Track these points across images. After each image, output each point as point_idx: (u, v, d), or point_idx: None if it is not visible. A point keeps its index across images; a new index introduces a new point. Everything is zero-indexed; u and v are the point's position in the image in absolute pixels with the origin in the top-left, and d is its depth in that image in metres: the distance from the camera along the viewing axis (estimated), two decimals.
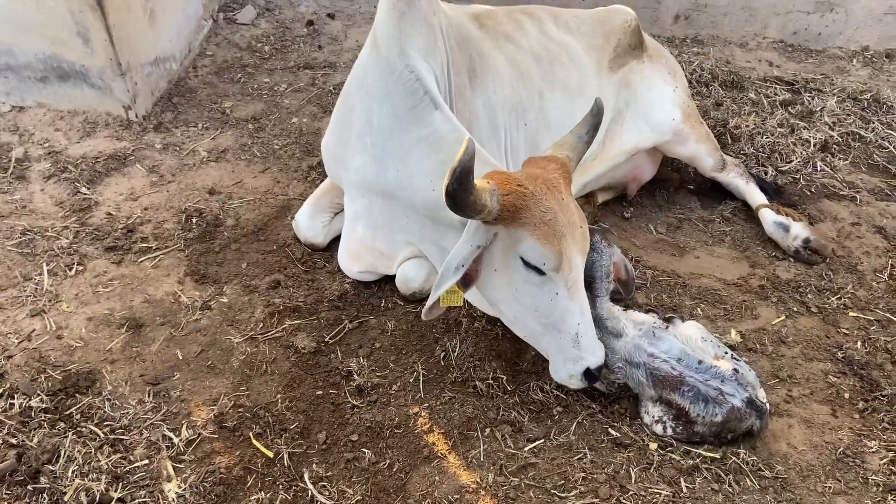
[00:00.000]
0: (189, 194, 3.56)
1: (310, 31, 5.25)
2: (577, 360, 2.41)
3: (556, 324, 2.39)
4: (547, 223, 2.26)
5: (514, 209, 2.24)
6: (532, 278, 2.33)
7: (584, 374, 2.42)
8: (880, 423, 2.67)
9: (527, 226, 2.25)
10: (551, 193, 2.32)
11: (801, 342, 2.98)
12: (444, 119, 2.58)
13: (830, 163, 4.07)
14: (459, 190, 2.08)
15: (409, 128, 2.62)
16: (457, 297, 2.47)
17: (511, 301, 2.43)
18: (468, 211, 2.16)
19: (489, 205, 2.18)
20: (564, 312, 2.37)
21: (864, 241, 3.56)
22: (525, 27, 3.37)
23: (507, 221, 2.26)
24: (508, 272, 2.37)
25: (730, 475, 2.41)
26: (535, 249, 2.27)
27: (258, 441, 2.48)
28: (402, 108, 2.63)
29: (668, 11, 5.39)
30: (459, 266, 2.33)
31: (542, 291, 2.35)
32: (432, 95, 2.59)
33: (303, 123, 4.23)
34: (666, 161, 3.88)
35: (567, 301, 2.36)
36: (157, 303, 2.98)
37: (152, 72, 4.19)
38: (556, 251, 2.27)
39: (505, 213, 2.23)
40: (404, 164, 2.64)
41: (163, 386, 2.65)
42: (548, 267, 2.29)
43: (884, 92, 4.72)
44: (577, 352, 2.40)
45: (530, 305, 2.39)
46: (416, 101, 2.59)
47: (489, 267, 2.40)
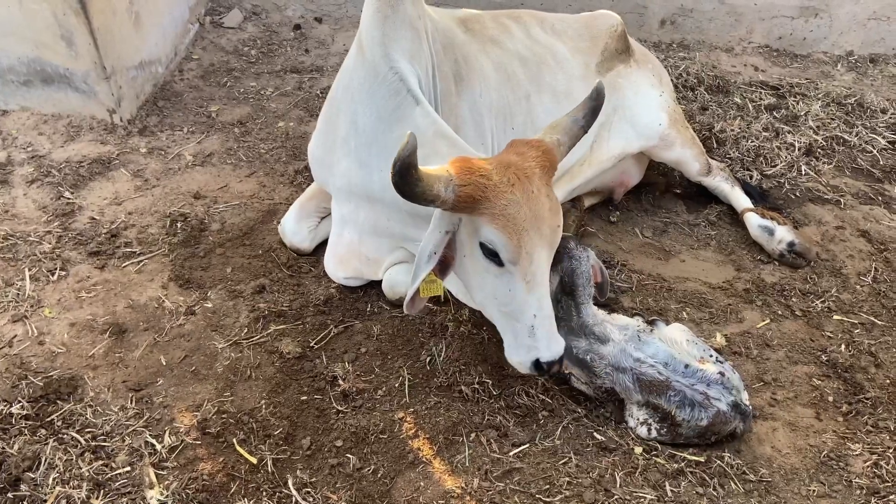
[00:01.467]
0: (174, 198, 3.54)
1: (297, 34, 5.24)
2: (530, 350, 2.38)
3: (513, 313, 2.38)
4: (506, 216, 2.22)
5: (472, 200, 2.20)
6: (490, 268, 2.32)
7: (533, 364, 2.39)
8: (864, 426, 2.68)
9: (485, 215, 2.23)
10: (520, 184, 2.25)
11: (785, 345, 3.00)
12: (424, 114, 2.58)
13: (815, 167, 4.10)
14: (402, 183, 2.09)
15: (392, 128, 2.62)
16: (436, 287, 2.45)
17: (477, 287, 2.44)
18: (419, 201, 2.16)
19: (442, 195, 2.16)
20: (522, 304, 2.34)
21: (848, 244, 3.59)
22: (511, 31, 3.37)
23: (467, 210, 2.25)
24: (473, 259, 2.37)
25: (714, 479, 2.42)
26: (492, 238, 2.24)
27: (242, 447, 2.46)
28: (385, 110, 2.63)
29: (655, 16, 5.42)
30: (432, 254, 2.34)
31: (500, 281, 2.34)
32: (413, 93, 2.59)
33: (289, 127, 4.22)
34: (652, 165, 3.90)
35: (524, 294, 2.32)
36: (140, 308, 2.96)
37: (137, 75, 4.17)
38: (514, 244, 2.23)
39: (461, 203, 2.21)
40: (388, 163, 2.61)
41: (146, 392, 2.63)
42: (505, 258, 2.27)
43: (868, 96, 4.75)
44: (531, 342, 2.37)
45: (490, 293, 2.39)
46: (399, 102, 2.59)
47: (460, 252, 2.41)
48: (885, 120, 4.55)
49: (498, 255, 2.27)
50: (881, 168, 4.17)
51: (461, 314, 3.00)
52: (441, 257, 2.38)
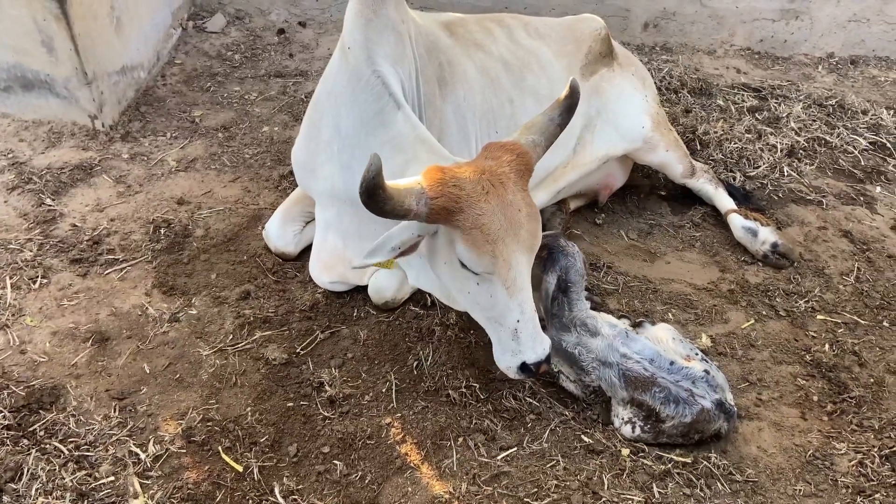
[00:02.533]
0: (157, 205, 3.51)
1: (281, 39, 5.22)
2: (515, 354, 2.37)
3: (496, 318, 2.37)
4: (480, 227, 2.20)
5: (445, 212, 2.19)
6: (470, 276, 2.32)
7: (519, 368, 2.38)
8: (848, 425, 2.71)
9: (458, 230, 2.22)
10: (494, 192, 2.24)
11: (770, 346, 3.02)
12: (405, 118, 2.57)
13: (797, 168, 4.14)
14: (370, 202, 2.08)
15: (375, 132, 2.61)
16: (388, 263, 2.45)
17: (459, 292, 2.43)
18: (392, 217, 2.16)
19: (414, 209, 2.15)
20: (504, 309, 2.33)
21: (831, 244, 3.62)
22: (495, 35, 3.37)
23: (442, 222, 2.24)
24: (452, 266, 2.36)
25: (701, 479, 2.43)
26: (465, 254, 2.25)
27: (227, 455, 2.44)
28: (368, 114, 2.62)
29: (638, 20, 5.45)
30: (395, 248, 2.33)
31: (480, 289, 2.33)
32: (395, 97, 2.58)
33: (274, 132, 4.20)
34: (637, 167, 3.91)
35: (506, 299, 2.31)
36: (123, 316, 2.93)
37: (119, 81, 4.14)
38: (488, 255, 2.22)
39: (435, 215, 2.20)
40: None
41: (129, 400, 2.60)
42: (480, 270, 2.27)
43: (848, 98, 4.81)
44: (515, 345, 2.36)
45: (472, 300, 2.38)
46: (382, 106, 2.58)
47: (440, 260, 2.40)
48: (865, 121, 4.60)
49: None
50: (862, 169, 4.22)
51: (448, 318, 2.99)
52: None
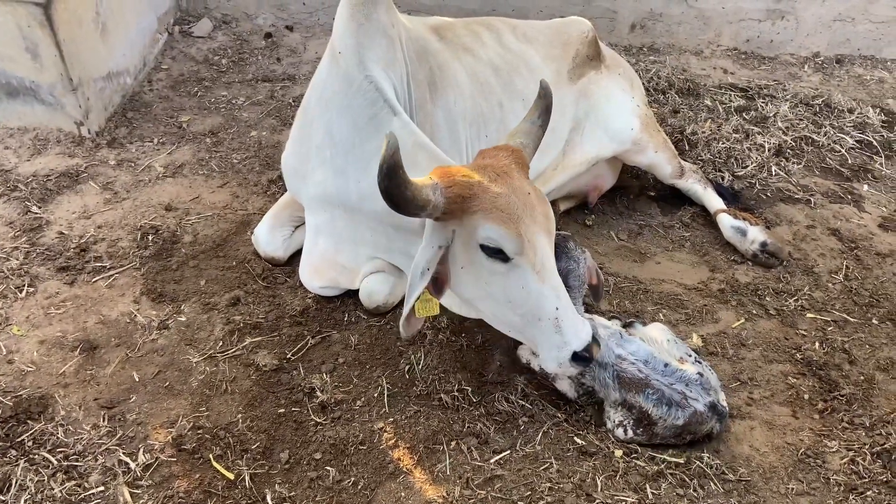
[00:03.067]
0: (144, 211, 3.49)
1: (268, 43, 5.20)
2: (562, 347, 2.29)
3: (533, 312, 2.29)
4: (499, 207, 2.19)
5: (461, 199, 2.18)
6: (498, 268, 2.25)
7: (572, 359, 2.32)
8: (840, 422, 2.71)
9: (479, 212, 2.19)
10: (501, 179, 2.26)
11: (760, 344, 3.03)
12: (402, 125, 2.56)
13: (785, 167, 4.16)
14: (391, 185, 2.04)
15: (370, 138, 2.60)
16: (432, 306, 2.40)
17: (485, 297, 2.35)
18: (410, 208, 2.12)
19: (433, 199, 2.14)
20: (539, 298, 2.27)
21: (820, 243, 3.64)
22: (484, 39, 3.37)
23: (458, 213, 2.21)
24: (474, 267, 2.30)
25: (694, 480, 2.43)
26: (492, 233, 2.19)
27: (218, 463, 2.42)
28: (362, 119, 2.61)
29: (625, 21, 5.47)
30: (425, 270, 2.29)
31: (510, 280, 2.26)
32: (390, 103, 2.57)
33: (262, 137, 4.18)
34: (626, 168, 3.92)
35: (539, 285, 2.25)
36: (111, 323, 2.90)
37: (105, 86, 4.11)
38: (515, 232, 2.19)
39: (452, 205, 2.18)
40: (365, 174, 2.62)
41: (118, 409, 2.57)
42: (510, 250, 2.21)
43: (835, 96, 4.84)
44: (560, 337, 2.29)
45: (503, 298, 2.30)
46: (376, 111, 2.57)
47: (456, 266, 2.34)
48: (852, 119, 4.64)
49: (502, 252, 2.22)
50: (849, 167, 4.25)
51: (439, 322, 2.98)
52: (434, 275, 2.32)
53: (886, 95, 5.12)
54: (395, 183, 2.04)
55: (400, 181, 2.05)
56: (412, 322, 2.39)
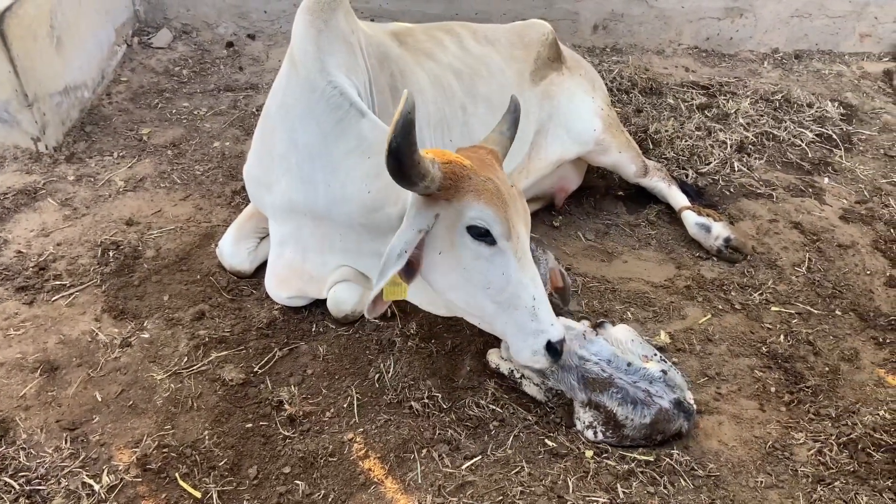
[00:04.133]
0: (105, 226, 3.42)
1: (229, 52, 5.15)
2: (538, 334, 2.34)
3: (510, 300, 2.33)
4: (489, 190, 2.25)
5: (456, 177, 2.22)
6: (482, 251, 2.29)
7: (546, 349, 2.35)
8: (806, 414, 2.75)
9: (471, 193, 2.23)
10: (488, 168, 2.34)
11: (727, 339, 3.05)
12: (372, 126, 2.56)
13: (747, 163, 4.21)
14: (403, 145, 2.01)
15: (337, 142, 2.58)
16: (401, 290, 2.38)
17: (462, 284, 2.36)
18: (413, 174, 2.10)
19: (431, 171, 2.15)
20: (518, 286, 2.31)
21: (782, 236, 3.69)
22: (444, 43, 3.37)
23: (450, 192, 2.23)
24: (455, 252, 2.32)
25: (664, 477, 2.44)
26: (483, 214, 2.23)
27: (185, 481, 2.37)
28: (327, 125, 2.59)
29: (587, 22, 5.51)
30: (402, 252, 2.27)
31: (492, 265, 2.30)
32: (358, 106, 2.57)
33: (225, 147, 4.13)
34: (591, 169, 3.94)
35: (519, 273, 2.31)
36: (72, 343, 2.84)
37: (62, 101, 4.03)
38: (503, 216, 2.25)
39: (447, 180, 2.21)
40: (335, 176, 2.60)
41: (81, 431, 2.52)
42: (498, 233, 2.25)
43: (794, 92, 4.92)
44: (536, 325, 2.33)
45: (482, 283, 2.33)
46: (342, 115, 2.56)
47: (434, 251, 2.35)
48: (811, 114, 4.72)
49: (489, 234, 2.26)
50: (810, 161, 4.32)
51: (408, 328, 2.97)
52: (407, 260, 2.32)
53: (844, 89, 5.22)
54: (408, 142, 2.02)
55: (412, 140, 2.03)
56: (378, 305, 2.38)
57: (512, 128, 2.60)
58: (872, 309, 3.27)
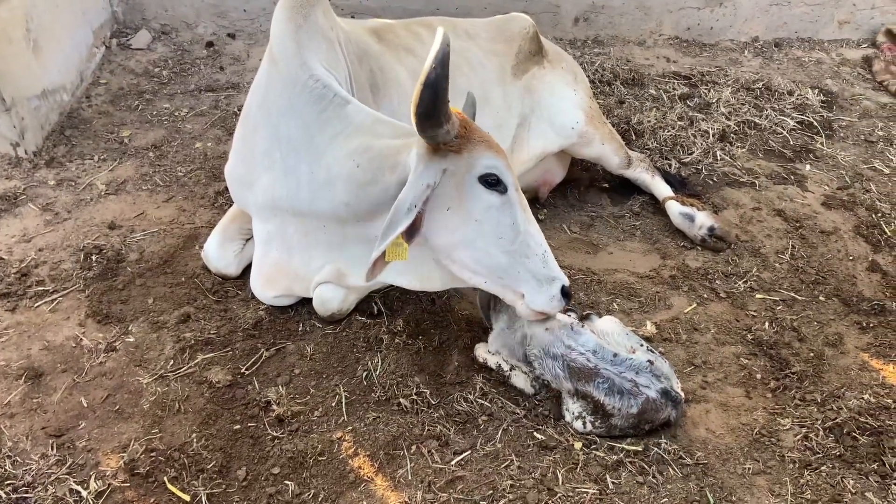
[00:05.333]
0: (87, 231, 3.39)
1: (210, 52, 5.11)
2: (552, 280, 2.44)
3: (521, 248, 2.40)
4: (494, 141, 2.37)
5: (467, 129, 2.29)
6: (493, 201, 2.35)
7: (562, 293, 2.45)
8: (792, 400, 2.77)
9: (482, 143, 2.31)
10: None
11: (712, 328, 3.07)
12: (358, 110, 2.56)
13: (729, 151, 4.24)
14: (442, 77, 2.00)
15: (322, 130, 2.57)
16: (402, 251, 2.37)
17: (473, 238, 2.39)
18: (441, 113, 2.12)
19: (451, 117, 2.20)
20: (527, 234, 2.40)
21: (766, 224, 3.71)
22: (424, 39, 3.36)
23: (462, 142, 2.28)
24: (466, 205, 2.35)
25: (653, 466, 2.45)
26: (496, 163, 2.32)
27: (173, 485, 2.36)
28: (310, 117, 2.58)
29: (568, 15, 5.51)
30: (412, 207, 2.27)
31: (503, 214, 2.36)
32: (341, 95, 2.57)
33: (207, 148, 4.10)
34: (575, 161, 3.95)
35: (527, 223, 2.41)
36: (57, 349, 2.81)
37: (41, 105, 3.99)
38: (510, 166, 2.36)
39: (462, 131, 2.27)
40: (319, 163, 2.58)
41: (67, 437, 2.50)
42: (508, 181, 2.35)
43: (775, 80, 4.95)
44: (548, 271, 2.43)
45: (494, 234, 2.38)
46: (325, 105, 2.56)
47: (441, 209, 2.36)
48: (792, 101, 4.75)
49: (501, 183, 2.34)
50: (791, 148, 4.34)
51: (395, 325, 2.96)
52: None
53: (825, 76, 5.25)
54: (445, 74, 2.02)
55: (447, 75, 2.03)
56: (378, 266, 2.36)
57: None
58: (855, 294, 3.30)
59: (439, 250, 2.48)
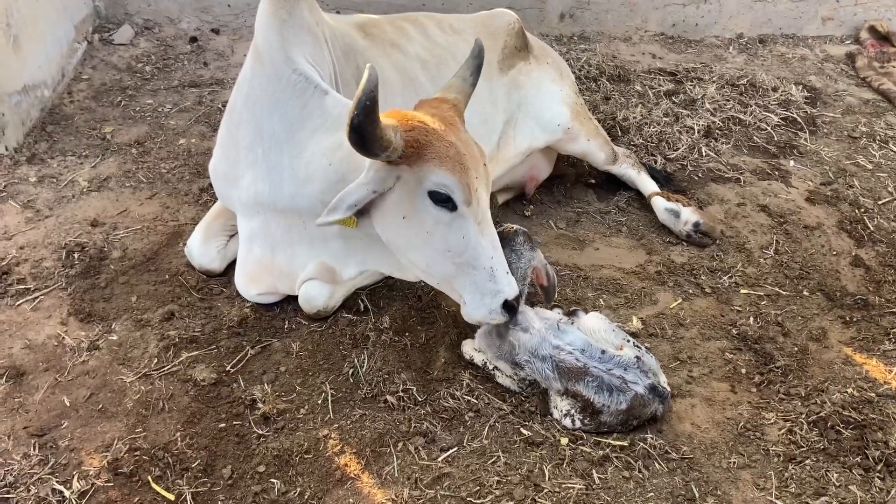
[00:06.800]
0: (69, 228, 3.35)
1: (193, 47, 5.07)
2: (495, 294, 2.41)
3: (469, 261, 2.38)
4: (451, 157, 2.26)
5: (419, 145, 2.23)
6: (442, 217, 2.32)
7: (503, 307, 2.43)
8: (776, 394, 2.78)
9: (433, 160, 2.25)
10: (450, 129, 2.34)
11: (698, 323, 3.09)
12: (335, 101, 2.55)
13: (714, 147, 4.26)
14: (366, 122, 2.02)
15: (304, 125, 2.56)
16: (349, 221, 2.41)
17: (422, 246, 2.40)
18: (375, 147, 2.12)
19: (394, 141, 2.15)
20: (477, 248, 2.37)
21: (750, 220, 3.73)
22: (410, 34, 3.35)
23: (412, 159, 2.24)
24: (418, 216, 2.34)
25: (639, 461, 2.46)
26: (445, 181, 2.26)
27: (157, 484, 2.34)
28: (293, 111, 2.57)
29: (554, 10, 5.51)
30: (352, 206, 2.31)
31: (452, 230, 2.34)
32: (321, 86, 2.56)
33: (191, 144, 4.07)
34: (561, 157, 3.95)
35: (478, 237, 2.37)
36: (38, 348, 2.78)
37: (21, 101, 3.94)
38: (465, 182, 2.27)
39: (409, 149, 2.21)
40: (300, 158, 2.59)
41: (49, 436, 2.47)
42: (458, 198, 2.28)
43: (759, 76, 4.98)
44: (493, 285, 2.40)
45: (442, 247, 2.37)
46: (307, 100, 2.55)
47: (397, 216, 2.37)
48: (776, 97, 4.78)
49: (451, 200, 2.29)
50: (776, 144, 4.37)
51: (381, 322, 2.95)
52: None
53: (808, 72, 5.29)
54: (370, 118, 2.02)
55: (374, 116, 2.04)
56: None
57: (475, 73, 2.61)
58: (839, 289, 3.33)
59: (394, 249, 2.52)
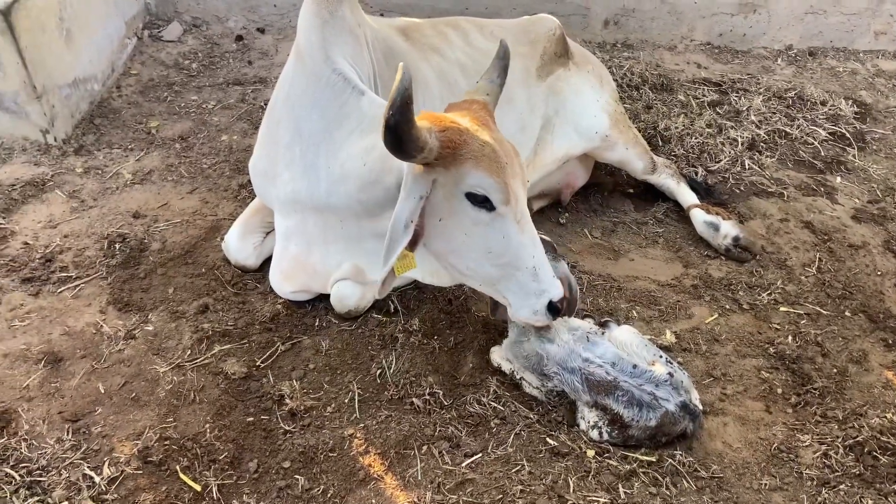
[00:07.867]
0: (112, 219, 3.43)
1: (239, 46, 5.15)
2: (540, 294, 2.38)
3: (512, 262, 2.35)
4: (487, 156, 2.24)
5: (454, 145, 2.20)
6: (481, 217, 2.29)
7: (548, 308, 2.40)
8: (812, 416, 2.71)
9: (469, 160, 2.22)
10: (484, 128, 2.32)
11: (733, 339, 3.02)
12: (370, 102, 2.55)
13: (758, 161, 4.16)
14: (401, 122, 1.98)
15: (341, 125, 2.57)
16: (409, 261, 2.39)
17: (463, 249, 2.38)
18: (410, 148, 2.09)
19: (429, 142, 2.13)
20: (518, 247, 2.34)
21: (793, 236, 3.64)
22: (450, 39, 3.35)
23: (448, 160, 2.21)
24: (456, 217, 2.32)
25: (667, 478, 2.41)
26: (481, 181, 2.22)
27: (185, 474, 2.37)
28: (331, 111, 2.59)
29: (598, 17, 5.46)
30: (408, 223, 2.27)
31: (492, 230, 2.31)
32: (358, 87, 2.56)
33: (233, 141, 4.13)
34: (599, 165, 3.91)
35: (519, 235, 2.33)
36: (77, 335, 2.85)
37: (71, 93, 4.04)
38: (502, 182, 2.24)
39: (445, 150, 2.19)
40: (336, 159, 2.60)
41: (83, 422, 2.52)
42: (496, 198, 2.25)
43: (807, 89, 4.86)
44: (537, 285, 2.37)
45: (483, 248, 2.34)
46: (345, 100, 2.56)
47: (434, 217, 2.34)
48: (824, 112, 4.66)
49: (488, 201, 2.26)
50: (822, 159, 4.26)
51: (411, 324, 2.96)
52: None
53: (859, 87, 5.15)
54: (406, 118, 2.00)
55: (410, 116, 2.01)
56: (388, 282, 2.37)
57: (502, 75, 2.59)
58: (882, 310, 3.22)
59: (434, 254, 2.49)
